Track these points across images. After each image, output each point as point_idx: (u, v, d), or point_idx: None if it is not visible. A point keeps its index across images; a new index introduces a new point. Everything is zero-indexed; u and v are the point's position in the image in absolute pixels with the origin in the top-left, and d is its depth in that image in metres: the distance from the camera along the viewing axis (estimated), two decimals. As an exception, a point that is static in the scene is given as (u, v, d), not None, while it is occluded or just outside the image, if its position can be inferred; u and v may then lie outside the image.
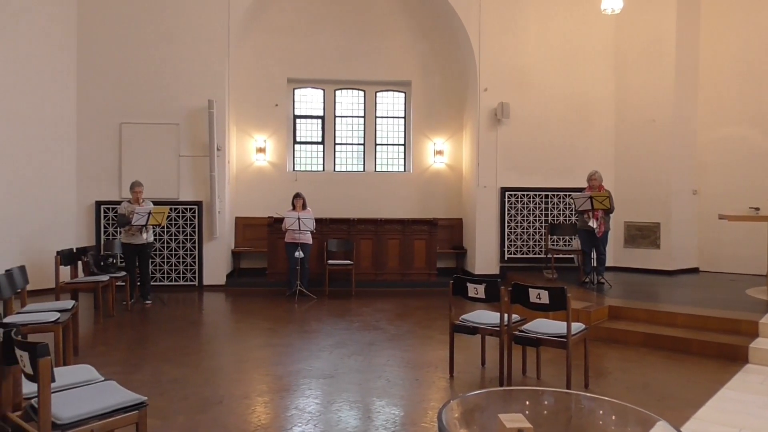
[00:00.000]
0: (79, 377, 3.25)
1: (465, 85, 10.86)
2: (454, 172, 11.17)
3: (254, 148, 10.82)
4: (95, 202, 9.61)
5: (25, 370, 2.69)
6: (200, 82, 9.68)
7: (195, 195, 9.77)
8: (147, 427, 2.99)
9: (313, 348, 6.07)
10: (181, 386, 4.76)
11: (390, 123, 11.42)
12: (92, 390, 3.05)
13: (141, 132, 9.65)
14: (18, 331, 2.86)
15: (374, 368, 5.32)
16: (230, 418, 4.11)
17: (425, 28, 10.95)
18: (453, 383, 4.96)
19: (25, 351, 2.66)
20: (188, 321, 7.51)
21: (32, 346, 2.61)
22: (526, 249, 10.33)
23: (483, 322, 5.04)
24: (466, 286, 5.03)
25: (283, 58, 10.75)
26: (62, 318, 4.98)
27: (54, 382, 2.64)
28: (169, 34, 9.64)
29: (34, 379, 2.61)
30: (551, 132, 10.30)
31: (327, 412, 4.22)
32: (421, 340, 6.42)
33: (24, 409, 2.89)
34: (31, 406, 2.81)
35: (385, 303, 8.61)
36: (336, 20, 10.83)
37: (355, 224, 9.94)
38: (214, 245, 9.81)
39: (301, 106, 11.25)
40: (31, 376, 2.65)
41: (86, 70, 9.56)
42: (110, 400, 2.91)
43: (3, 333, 2.90)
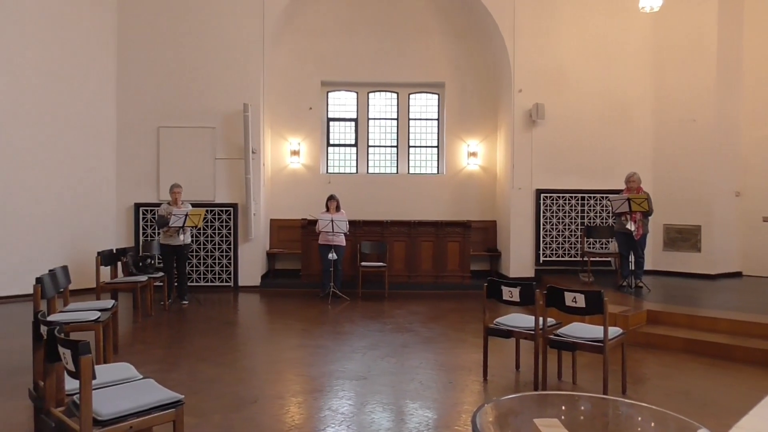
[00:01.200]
0: (118, 375, 3.32)
1: (499, 86, 10.77)
2: (488, 174, 11.08)
3: (288, 151, 10.92)
4: (134, 204, 9.83)
5: (68, 367, 2.77)
6: (236, 86, 9.83)
7: (231, 197, 9.91)
8: (183, 425, 3.04)
9: (346, 349, 6.09)
10: (217, 385, 4.83)
11: (423, 125, 11.39)
12: (131, 388, 3.12)
13: (178, 135, 9.84)
14: (61, 329, 2.94)
15: (407, 370, 5.31)
16: (264, 417, 4.15)
17: (459, 29, 10.90)
18: (487, 387, 4.92)
19: (67, 348, 2.73)
20: (224, 321, 7.62)
21: (74, 344, 2.68)
22: (561, 252, 10.18)
23: (518, 326, 4.98)
24: (500, 288, 4.98)
25: (316, 61, 10.83)
26: (103, 317, 5.10)
27: (95, 380, 2.70)
28: (205, 40, 9.81)
29: (76, 376, 2.67)
30: (587, 133, 10.13)
31: (360, 414, 4.22)
32: (454, 343, 6.38)
33: (66, 405, 2.97)
34: (73, 402, 2.88)
35: (418, 305, 8.59)
36: (369, 23, 10.86)
37: (389, 226, 9.95)
38: (249, 247, 9.94)
39: (334, 109, 11.31)
40: (73, 373, 2.72)
41: (126, 76, 9.80)
42: (148, 397, 2.97)
43: (47, 331, 2.99)
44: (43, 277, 4.77)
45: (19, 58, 8.71)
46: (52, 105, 9.05)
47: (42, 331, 3.10)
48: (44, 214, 8.96)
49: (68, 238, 9.19)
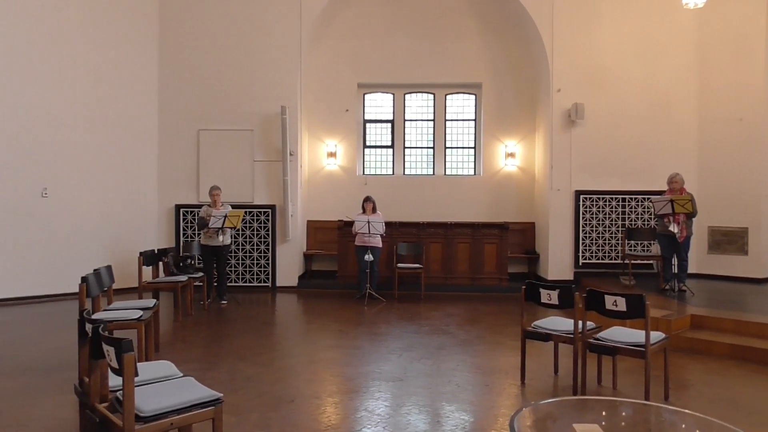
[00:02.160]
0: (159, 372, 3.40)
1: (537, 86, 10.64)
2: (526, 175, 10.95)
3: (325, 153, 11.00)
4: (175, 205, 10.04)
5: (112, 364, 2.84)
6: (274, 89, 9.95)
7: (268, 199, 10.04)
8: (222, 423, 3.08)
9: (382, 351, 6.09)
10: (255, 384, 4.89)
11: (460, 126, 11.33)
12: (172, 385, 3.18)
13: (218, 138, 10.01)
14: (105, 327, 3.02)
15: (443, 373, 5.29)
16: (301, 417, 4.19)
17: (496, 29, 10.81)
18: (524, 390, 4.85)
19: (111, 346, 2.80)
20: (261, 321, 7.71)
21: (118, 342, 2.75)
22: (601, 254, 9.99)
23: (556, 329, 4.91)
24: (538, 291, 4.92)
25: (353, 63, 10.88)
26: (145, 316, 5.22)
27: (137, 377, 2.77)
28: (243, 44, 9.97)
29: (119, 373, 2.74)
30: (628, 132, 9.91)
31: (396, 415, 4.22)
32: (491, 346, 6.32)
33: (110, 400, 3.04)
34: (117, 399, 2.95)
35: (455, 307, 8.54)
36: (406, 24, 10.86)
37: (425, 228, 9.92)
38: (287, 248, 10.04)
39: (371, 111, 11.35)
40: (116, 370, 2.79)
41: (167, 80, 10.02)
42: (188, 395, 3.02)
43: (92, 329, 3.07)
44: (88, 276, 4.91)
45: (66, 67, 9.01)
46: (95, 108, 9.32)
47: (87, 328, 3.19)
48: (89, 216, 9.24)
49: (112, 238, 9.45)
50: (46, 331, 6.98)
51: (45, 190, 8.85)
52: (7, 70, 8.48)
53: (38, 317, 7.75)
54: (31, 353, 5.92)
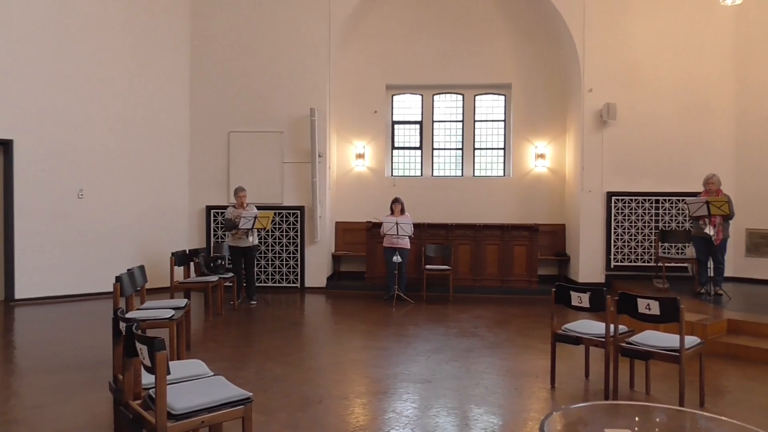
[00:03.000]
0: (191, 371, 3.44)
1: (568, 86, 10.51)
2: (557, 176, 10.82)
3: (354, 154, 11.04)
4: (206, 206, 10.19)
5: (144, 362, 2.89)
6: (303, 91, 10.03)
7: (297, 200, 10.11)
8: (252, 422, 3.11)
9: (410, 352, 6.08)
10: (284, 384, 4.92)
11: (489, 127, 11.25)
12: (203, 384, 3.22)
13: (248, 140, 10.13)
14: (138, 326, 3.07)
15: (472, 375, 5.25)
16: (329, 417, 4.20)
17: (526, 29, 10.71)
18: (555, 394, 4.79)
19: (144, 344, 2.85)
20: (290, 321, 7.77)
21: (150, 341, 2.80)
22: (634, 257, 9.81)
23: (587, 332, 4.83)
24: (569, 294, 4.85)
25: (382, 65, 10.90)
26: (176, 315, 5.30)
27: (169, 375, 2.81)
28: (273, 47, 10.06)
29: (152, 371, 2.79)
30: (662, 133, 9.73)
31: (424, 417, 4.21)
32: (520, 349, 6.26)
33: (143, 398, 3.10)
34: (149, 396, 3.00)
35: (484, 309, 8.48)
36: (434, 25, 10.84)
37: (454, 229, 9.87)
38: (316, 249, 10.10)
39: (399, 112, 11.34)
40: (149, 368, 2.84)
41: (198, 83, 10.18)
42: (219, 394, 3.06)
43: (125, 327, 3.13)
44: (122, 276, 5.00)
45: (102, 72, 9.21)
46: (128, 111, 9.51)
47: (121, 327, 3.25)
48: (123, 217, 9.43)
49: (145, 239, 9.63)
50: (82, 329, 7.14)
51: (81, 191, 9.06)
52: (46, 75, 8.71)
53: (74, 315, 7.93)
54: (69, 351, 6.06)
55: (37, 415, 4.18)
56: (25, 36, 8.53)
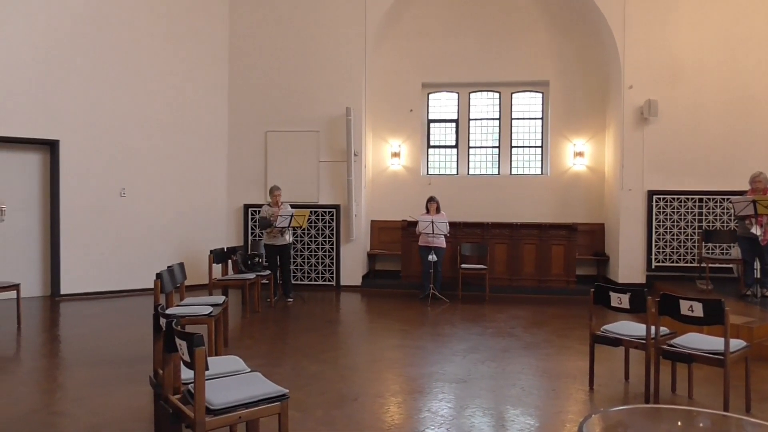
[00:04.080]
0: (228, 367, 3.49)
1: (607, 82, 10.30)
2: (596, 174, 10.62)
3: (389, 153, 11.04)
4: (243, 205, 10.33)
5: (184, 357, 2.94)
6: (339, 90, 10.08)
7: (333, 199, 10.17)
8: (288, 419, 3.14)
9: (445, 351, 6.05)
10: (319, 381, 4.95)
11: (526, 124, 11.11)
12: (240, 380, 3.26)
13: (284, 139, 10.23)
14: (177, 322, 3.13)
15: (508, 375, 5.20)
16: (364, 415, 4.21)
17: (563, 25, 10.54)
18: (593, 396, 4.70)
19: (183, 340, 2.90)
20: (326, 319, 7.82)
21: (190, 337, 2.84)
22: (676, 257, 9.57)
23: (627, 334, 4.73)
24: (608, 294, 4.75)
25: (417, 63, 10.87)
26: (215, 312, 5.39)
27: (207, 370, 2.86)
28: (310, 47, 10.14)
29: (191, 366, 2.83)
30: (706, 130, 9.45)
31: (460, 417, 4.18)
32: (558, 350, 6.16)
33: (182, 393, 3.15)
34: (188, 391, 3.05)
35: (520, 309, 8.38)
36: (470, 22, 10.75)
37: (490, 228, 9.79)
38: (351, 247, 10.14)
39: (435, 110, 11.30)
40: (188, 363, 2.88)
41: (236, 83, 10.33)
42: (256, 390, 3.09)
43: (165, 323, 3.19)
44: (162, 272, 5.10)
45: (143, 73, 9.43)
46: (168, 112, 9.72)
47: (161, 323, 3.32)
48: (163, 215, 9.64)
49: (184, 236, 9.82)
50: (124, 324, 7.32)
51: (123, 190, 9.29)
52: (91, 79, 8.96)
53: (116, 311, 8.13)
54: (111, 345, 6.22)
55: (80, 407, 4.31)
56: (71, 41, 8.79)
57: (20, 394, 4.66)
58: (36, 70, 8.53)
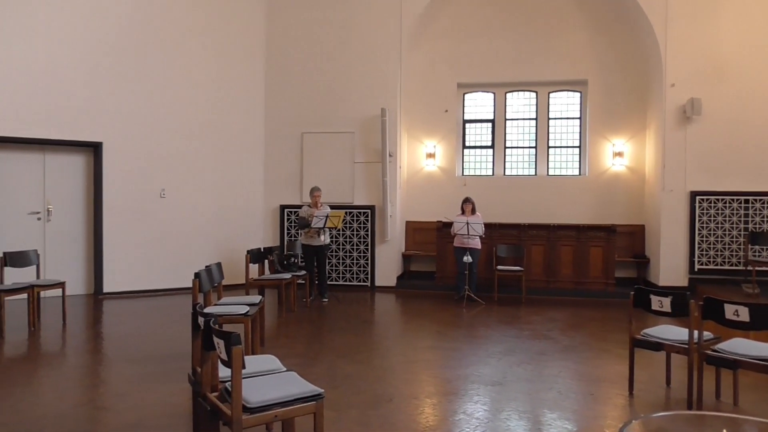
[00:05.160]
0: (264, 366, 3.53)
1: (648, 80, 10.07)
2: (636, 175, 10.39)
3: (424, 154, 11.01)
4: (279, 205, 10.44)
5: (221, 356, 2.99)
6: (374, 91, 10.10)
7: (368, 199, 10.19)
8: (323, 418, 3.15)
9: (481, 353, 6.00)
10: (354, 382, 4.97)
11: (564, 124, 10.95)
12: (276, 379, 3.29)
13: (320, 140, 10.30)
14: (215, 321, 3.18)
15: (545, 379, 5.12)
16: (399, 416, 4.21)
17: (602, 22, 10.35)
18: (633, 402, 4.60)
19: (221, 339, 2.95)
20: (361, 320, 7.84)
21: (227, 335, 2.88)
22: (720, 260, 9.29)
23: (668, 338, 4.61)
24: (649, 297, 4.64)
25: (453, 63, 10.82)
26: (251, 311, 5.45)
27: (244, 369, 2.89)
28: (345, 48, 10.19)
29: (228, 364, 2.87)
30: (753, 129, 9.15)
31: (495, 420, 4.14)
32: (596, 353, 6.05)
33: (220, 390, 3.20)
34: (226, 389, 3.10)
35: (557, 312, 8.26)
36: (506, 22, 10.65)
37: (526, 229, 9.67)
38: (386, 248, 10.15)
39: (470, 110, 11.23)
40: (225, 361, 2.93)
41: (273, 86, 10.44)
42: (292, 389, 3.11)
43: (203, 322, 3.25)
44: (201, 272, 5.19)
45: (183, 77, 9.61)
46: (207, 114, 9.88)
47: (199, 321, 3.37)
48: (202, 215, 9.81)
49: (222, 237, 9.97)
50: (163, 322, 7.48)
51: (163, 191, 9.49)
52: (133, 83, 9.17)
53: (156, 309, 8.31)
54: (151, 342, 6.36)
55: (122, 403, 4.41)
56: (114, 47, 9.02)
57: (65, 389, 4.80)
58: (81, 76, 8.79)
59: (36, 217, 8.82)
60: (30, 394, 4.65)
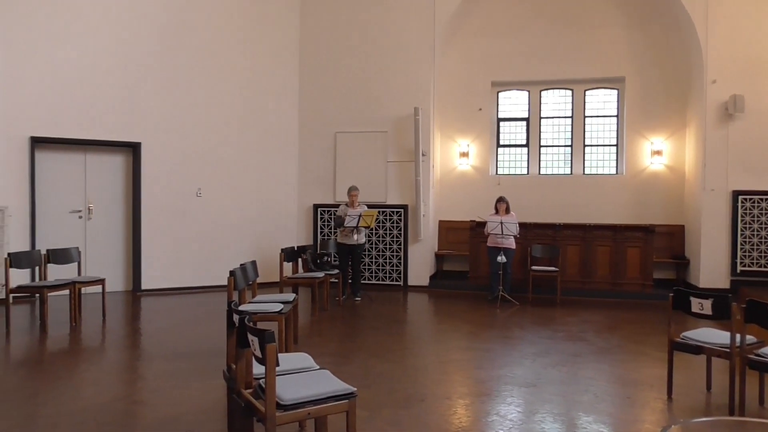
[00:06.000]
0: (298, 364, 3.55)
1: (688, 77, 9.82)
2: (675, 174, 10.15)
3: (458, 153, 10.95)
4: (313, 204, 10.51)
5: (256, 353, 3.01)
6: (407, 90, 10.09)
7: (401, 199, 10.19)
8: (356, 417, 3.16)
9: (515, 354, 5.94)
10: (387, 381, 4.96)
11: (601, 122, 10.75)
12: (309, 377, 3.31)
13: (353, 140, 10.34)
14: (250, 319, 3.21)
15: (580, 381, 5.04)
16: (432, 416, 4.19)
17: (640, 18, 10.13)
18: (671, 406, 4.49)
19: (255, 336, 2.98)
20: (393, 319, 7.84)
21: (261, 333, 2.91)
22: (764, 261, 9.00)
23: (709, 342, 4.48)
24: (688, 299, 4.52)
25: (486, 62, 10.73)
26: (285, 309, 5.50)
27: (278, 366, 2.92)
28: (378, 48, 10.20)
29: (263, 361, 2.90)
30: (798, 126, 8.85)
31: (529, 422, 4.09)
32: (633, 356, 5.93)
33: (254, 387, 3.24)
34: (260, 386, 3.12)
35: (593, 313, 8.12)
36: (541, 19, 10.52)
37: (561, 229, 9.53)
38: (419, 247, 10.13)
39: (505, 109, 11.12)
40: (260, 358, 2.95)
41: (306, 86, 10.52)
42: (325, 387, 3.13)
43: (238, 319, 3.29)
44: (236, 270, 5.25)
45: (219, 78, 9.77)
46: (244, 116, 10.02)
47: (234, 319, 3.42)
48: (236, 214, 9.94)
49: (256, 235, 10.10)
50: (199, 319, 7.60)
51: (199, 190, 9.65)
52: (170, 85, 9.36)
53: (192, 306, 8.46)
54: (187, 339, 6.48)
55: (158, 398, 4.50)
56: (152, 51, 9.21)
57: (105, 384, 4.92)
58: (120, 79, 9.00)
59: (77, 216, 9.07)
60: (71, 387, 4.78)
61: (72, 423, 3.97)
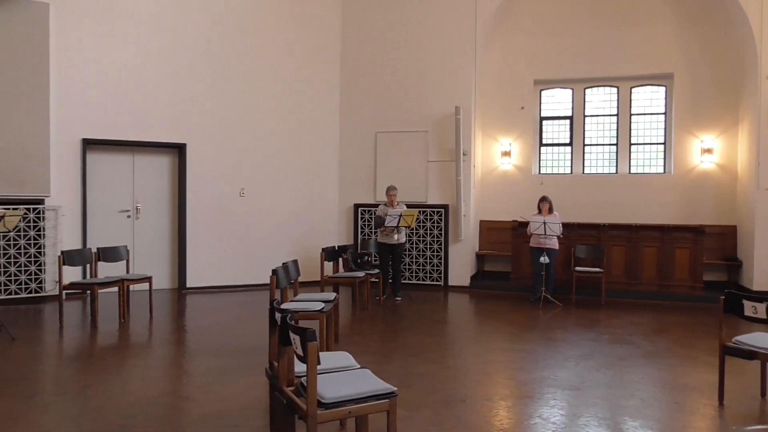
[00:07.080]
0: (339, 362, 3.57)
1: (741, 73, 9.48)
2: (727, 172, 9.81)
3: (499, 152, 10.83)
4: (353, 204, 10.56)
5: (297, 351, 3.04)
6: (448, 89, 10.03)
7: (442, 198, 10.14)
8: (396, 416, 3.15)
9: (558, 357, 5.84)
10: (427, 381, 4.95)
11: (647, 120, 10.47)
12: (350, 375, 3.32)
13: (394, 139, 10.34)
14: (292, 317, 3.24)
15: (626, 385, 4.92)
16: (473, 417, 4.15)
17: (688, 12, 9.82)
18: (723, 413, 4.33)
19: (297, 334, 3.00)
20: (434, 319, 7.80)
21: (303, 331, 2.93)
22: (822, 263, 8.62)
23: (763, 347, 4.31)
24: (741, 302, 4.36)
25: (529, 60, 10.58)
26: (326, 308, 5.54)
27: (319, 365, 2.94)
28: (419, 47, 10.18)
29: (304, 360, 2.93)
30: None
31: (573, 426, 4.01)
32: (681, 360, 5.75)
33: (296, 385, 3.27)
34: (301, 384, 3.15)
35: (639, 316, 7.92)
36: (585, 15, 10.31)
37: (606, 230, 9.33)
38: (459, 247, 10.06)
39: (548, 107, 10.95)
40: (301, 357, 2.98)
41: (347, 86, 10.57)
42: (365, 386, 3.13)
43: (280, 318, 3.32)
44: (278, 269, 5.32)
45: (263, 80, 9.90)
46: (287, 116, 10.13)
47: (276, 317, 3.46)
48: (279, 214, 10.07)
49: (298, 235, 10.21)
50: (242, 317, 7.73)
51: (242, 190, 9.81)
52: (214, 87, 9.55)
53: (235, 304, 8.60)
54: (230, 336, 6.59)
55: (203, 394, 4.59)
56: (198, 54, 9.41)
57: (151, 379, 5.05)
58: (166, 82, 9.23)
59: (126, 215, 9.33)
60: (120, 381, 4.92)
61: (121, 416, 4.09)
